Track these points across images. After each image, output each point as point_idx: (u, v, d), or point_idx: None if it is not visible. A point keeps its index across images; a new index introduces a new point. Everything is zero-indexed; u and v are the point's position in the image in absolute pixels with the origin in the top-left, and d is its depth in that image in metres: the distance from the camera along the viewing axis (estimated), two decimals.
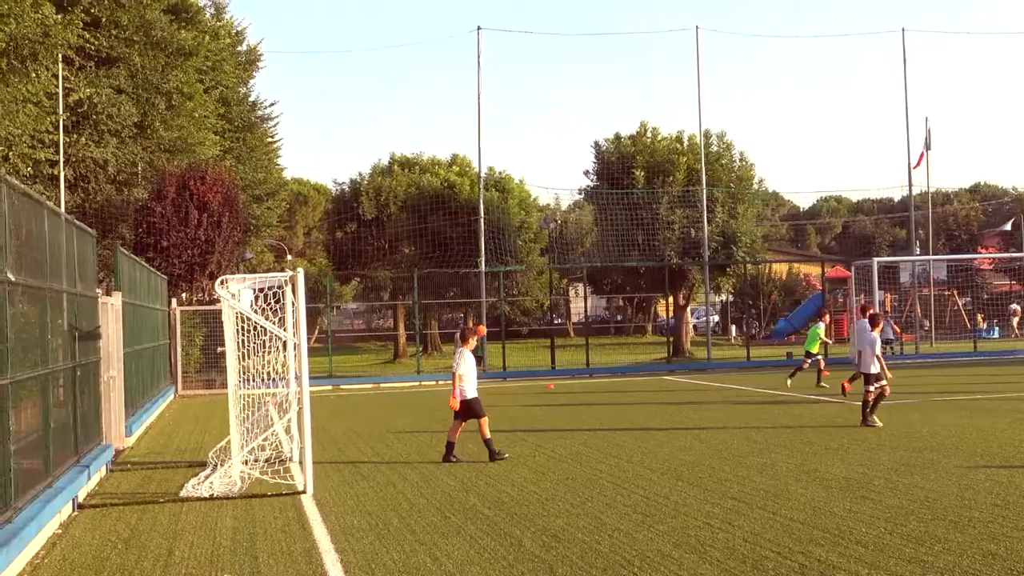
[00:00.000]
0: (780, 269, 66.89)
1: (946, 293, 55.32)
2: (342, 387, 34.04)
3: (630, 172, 43.56)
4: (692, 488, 12.39)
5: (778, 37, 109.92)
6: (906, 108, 43.60)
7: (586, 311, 45.40)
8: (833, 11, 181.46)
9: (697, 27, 40.87)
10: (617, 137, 46.34)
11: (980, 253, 71.04)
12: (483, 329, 16.92)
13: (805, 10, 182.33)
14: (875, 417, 18.16)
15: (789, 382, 26.83)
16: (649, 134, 46.17)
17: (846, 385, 23.47)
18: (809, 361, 27.62)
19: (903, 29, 43.34)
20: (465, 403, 15.38)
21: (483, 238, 39.34)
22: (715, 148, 44.73)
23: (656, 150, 44.78)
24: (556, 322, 68.39)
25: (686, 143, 45.27)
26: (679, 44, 78.81)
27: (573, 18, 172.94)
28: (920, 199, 54.59)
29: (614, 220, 42.41)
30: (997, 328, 54.94)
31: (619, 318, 74.97)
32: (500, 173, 53.30)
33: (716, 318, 66.22)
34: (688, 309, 50.12)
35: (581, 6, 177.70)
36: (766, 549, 9.16)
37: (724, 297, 60.79)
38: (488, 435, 15.36)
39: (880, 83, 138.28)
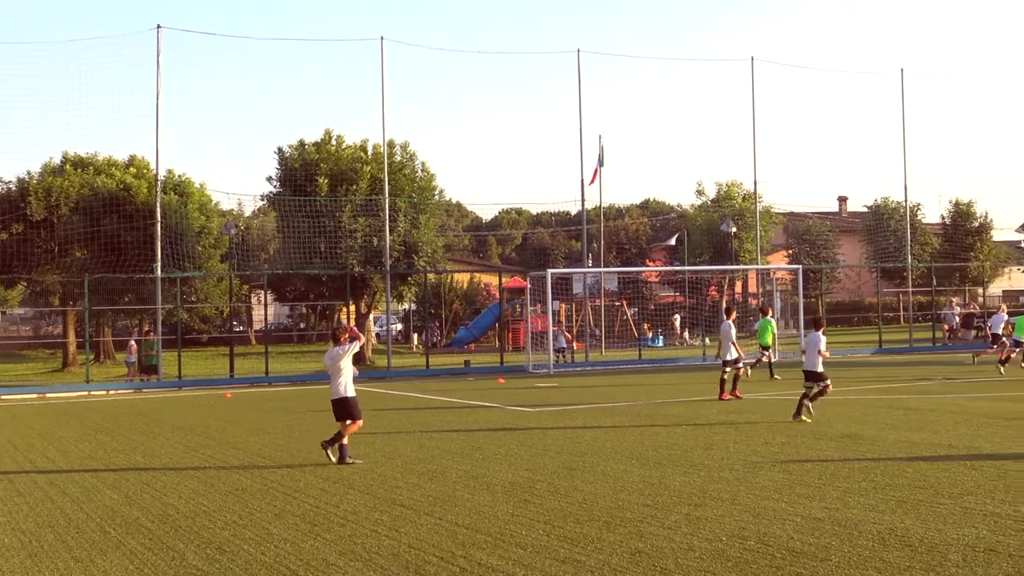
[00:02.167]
0: (461, 279, 68.22)
1: (616, 303, 58.09)
2: (3, 397, 32.23)
3: (314, 179, 43.28)
4: (363, 496, 12.50)
5: (461, 51, 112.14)
6: (580, 126, 45.47)
7: (266, 318, 44.85)
8: (516, 30, 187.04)
9: (382, 38, 41.15)
10: (301, 144, 45.92)
11: (648, 266, 75.01)
12: (354, 329, 16.58)
13: (488, 26, 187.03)
14: (810, 406, 18.70)
15: (749, 372, 28.58)
16: (334, 142, 46.01)
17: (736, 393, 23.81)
18: (767, 353, 30.00)
19: (579, 50, 45.26)
20: (343, 401, 15.21)
21: (160, 243, 38.11)
22: (399, 158, 45.14)
23: (340, 158, 44.72)
24: (237, 329, 67.06)
25: (370, 152, 45.46)
26: (366, 53, 79.30)
27: (260, 22, 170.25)
28: (594, 213, 57.16)
29: (297, 227, 42.08)
30: (662, 337, 58.25)
31: (302, 325, 74.46)
32: (180, 176, 51.75)
33: (399, 326, 66.93)
34: (371, 317, 50.38)
35: (268, 10, 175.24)
36: (430, 554, 9.37)
37: (406, 306, 61.48)
38: (347, 440, 15.28)
39: (559, 100, 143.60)
